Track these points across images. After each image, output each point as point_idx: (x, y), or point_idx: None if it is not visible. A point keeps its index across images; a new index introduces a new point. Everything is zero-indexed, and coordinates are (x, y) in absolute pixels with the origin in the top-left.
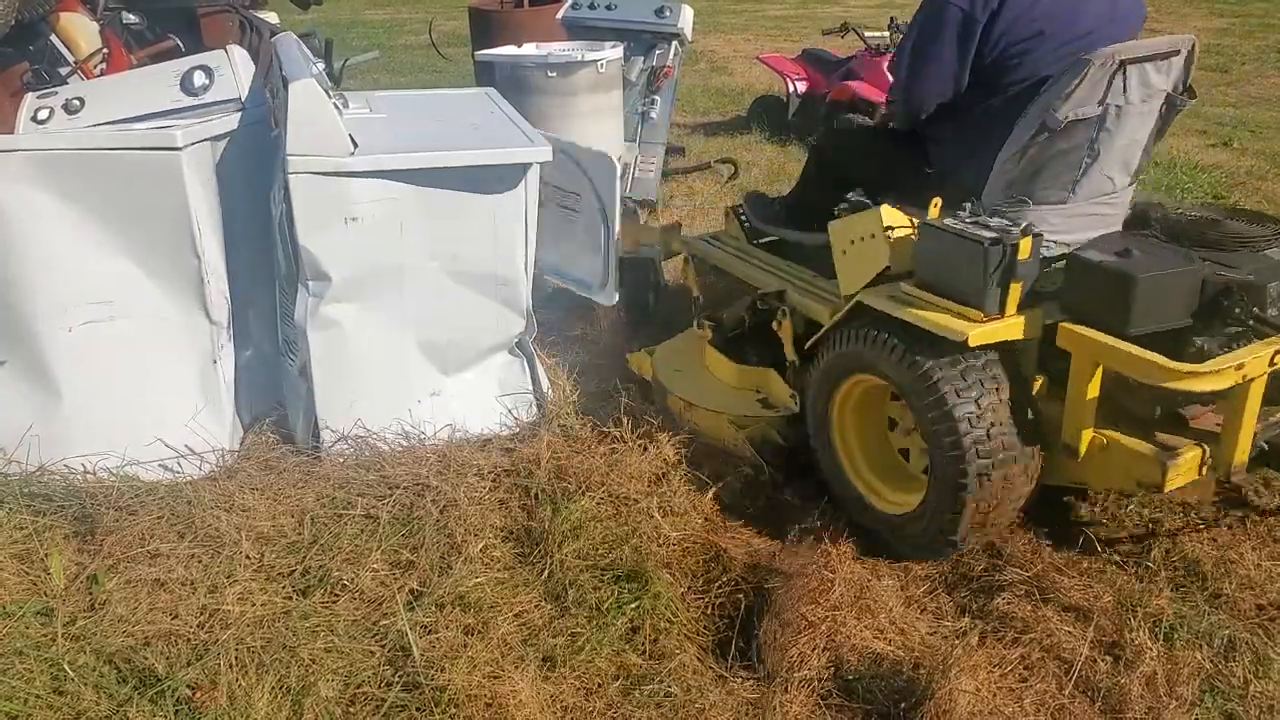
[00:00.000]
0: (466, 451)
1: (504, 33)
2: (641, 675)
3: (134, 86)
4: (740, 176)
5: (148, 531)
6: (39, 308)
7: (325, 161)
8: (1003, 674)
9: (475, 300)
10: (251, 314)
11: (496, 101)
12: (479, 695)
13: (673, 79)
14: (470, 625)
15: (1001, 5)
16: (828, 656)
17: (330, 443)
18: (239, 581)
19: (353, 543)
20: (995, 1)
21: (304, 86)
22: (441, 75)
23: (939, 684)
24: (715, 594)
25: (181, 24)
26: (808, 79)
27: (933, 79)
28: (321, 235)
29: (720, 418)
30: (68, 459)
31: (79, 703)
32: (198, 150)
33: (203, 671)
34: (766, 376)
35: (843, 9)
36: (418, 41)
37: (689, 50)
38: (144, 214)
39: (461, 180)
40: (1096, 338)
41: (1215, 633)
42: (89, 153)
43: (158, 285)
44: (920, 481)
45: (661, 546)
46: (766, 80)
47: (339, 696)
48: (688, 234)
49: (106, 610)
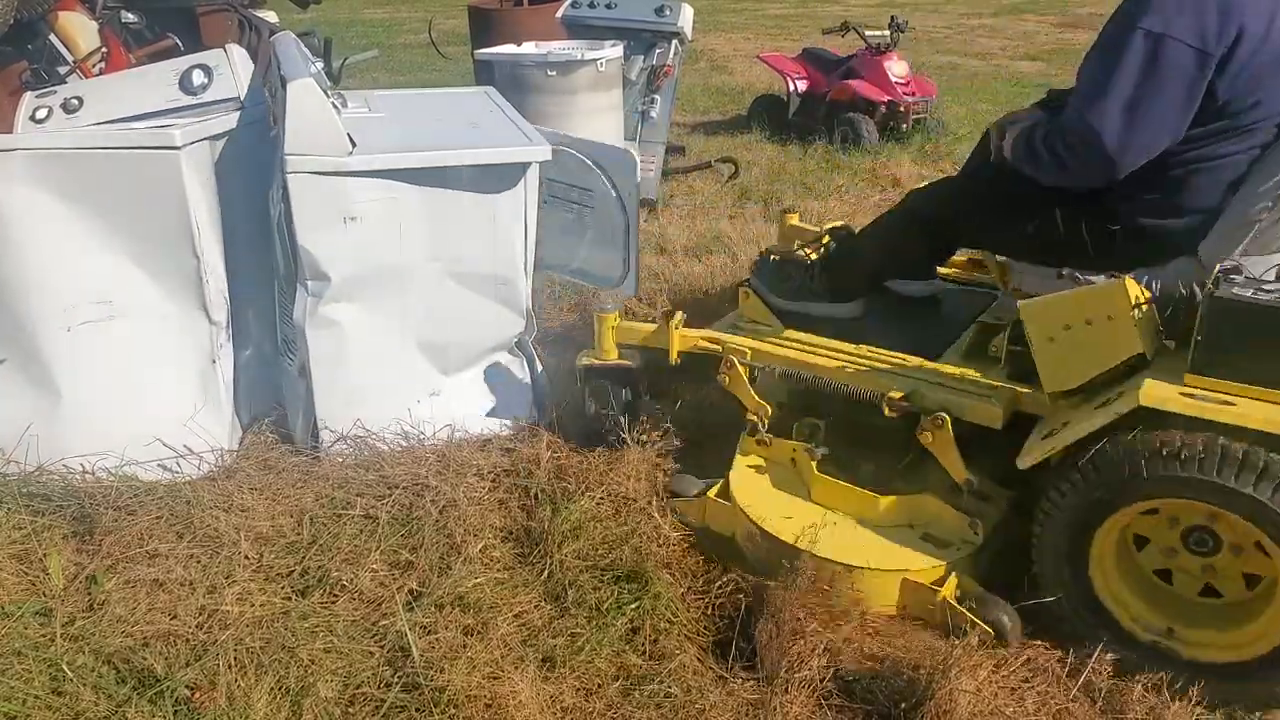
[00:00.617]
0: (466, 451)
1: (504, 31)
2: (641, 675)
3: (132, 86)
4: (740, 176)
5: (146, 531)
6: (37, 307)
7: (324, 161)
8: (1004, 675)
9: (475, 300)
10: (251, 314)
11: (496, 100)
12: (479, 696)
13: (673, 78)
14: (470, 626)
15: (1239, 34)
16: (828, 657)
17: (329, 443)
18: (238, 582)
19: (352, 543)
20: (1231, 30)
21: (302, 86)
22: (441, 74)
23: (939, 684)
24: (715, 594)
25: (180, 23)
26: (808, 78)
27: (1156, 130)
28: (320, 235)
29: (896, 578)
30: (66, 459)
31: (78, 703)
32: (196, 149)
33: (202, 672)
34: (923, 504)
35: (843, 8)
36: (417, 40)
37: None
38: (143, 213)
39: (461, 179)
40: None
41: None
42: (87, 152)
43: (157, 285)
44: (1245, 610)
45: (661, 546)
46: (767, 79)
47: (338, 697)
48: (717, 327)
49: (105, 610)
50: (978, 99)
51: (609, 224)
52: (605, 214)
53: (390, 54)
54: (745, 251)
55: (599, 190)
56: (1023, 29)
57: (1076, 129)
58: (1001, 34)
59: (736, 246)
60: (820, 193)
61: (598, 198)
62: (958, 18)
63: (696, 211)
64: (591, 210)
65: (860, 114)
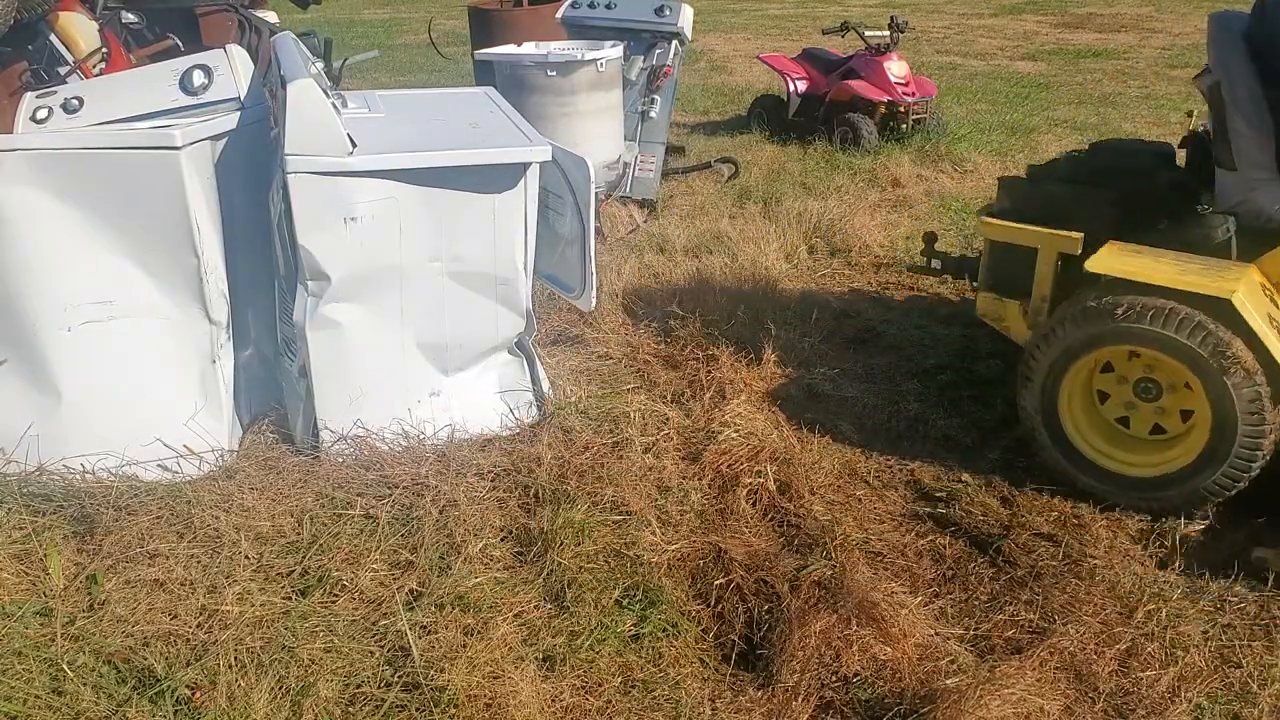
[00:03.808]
0: (466, 451)
1: (503, 32)
2: (642, 676)
3: (133, 86)
4: (740, 176)
5: (147, 531)
6: (38, 307)
7: (324, 161)
8: (1010, 679)
9: (475, 300)
10: (251, 314)
11: (496, 101)
12: (479, 695)
13: (672, 78)
14: (470, 625)
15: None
16: (832, 660)
17: (330, 443)
18: (238, 582)
19: (352, 543)
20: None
21: (302, 86)
22: (441, 74)
23: (945, 689)
24: (716, 596)
25: (180, 23)
26: (808, 78)
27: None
28: (320, 235)
29: None
30: (67, 459)
31: (78, 703)
32: (197, 150)
33: (202, 671)
34: None
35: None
36: (417, 40)
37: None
38: (143, 213)
39: (461, 180)
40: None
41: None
42: (88, 152)
43: (157, 285)
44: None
45: (661, 547)
46: (766, 79)
47: (338, 697)
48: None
49: (106, 610)
50: (978, 99)
51: (571, 234)
52: (569, 223)
53: (390, 54)
54: (745, 251)
55: (567, 198)
56: (1023, 29)
57: None
58: (1001, 34)
59: (736, 246)
60: (820, 193)
61: (568, 205)
62: (958, 18)
63: (696, 211)
64: (562, 218)
65: (860, 114)
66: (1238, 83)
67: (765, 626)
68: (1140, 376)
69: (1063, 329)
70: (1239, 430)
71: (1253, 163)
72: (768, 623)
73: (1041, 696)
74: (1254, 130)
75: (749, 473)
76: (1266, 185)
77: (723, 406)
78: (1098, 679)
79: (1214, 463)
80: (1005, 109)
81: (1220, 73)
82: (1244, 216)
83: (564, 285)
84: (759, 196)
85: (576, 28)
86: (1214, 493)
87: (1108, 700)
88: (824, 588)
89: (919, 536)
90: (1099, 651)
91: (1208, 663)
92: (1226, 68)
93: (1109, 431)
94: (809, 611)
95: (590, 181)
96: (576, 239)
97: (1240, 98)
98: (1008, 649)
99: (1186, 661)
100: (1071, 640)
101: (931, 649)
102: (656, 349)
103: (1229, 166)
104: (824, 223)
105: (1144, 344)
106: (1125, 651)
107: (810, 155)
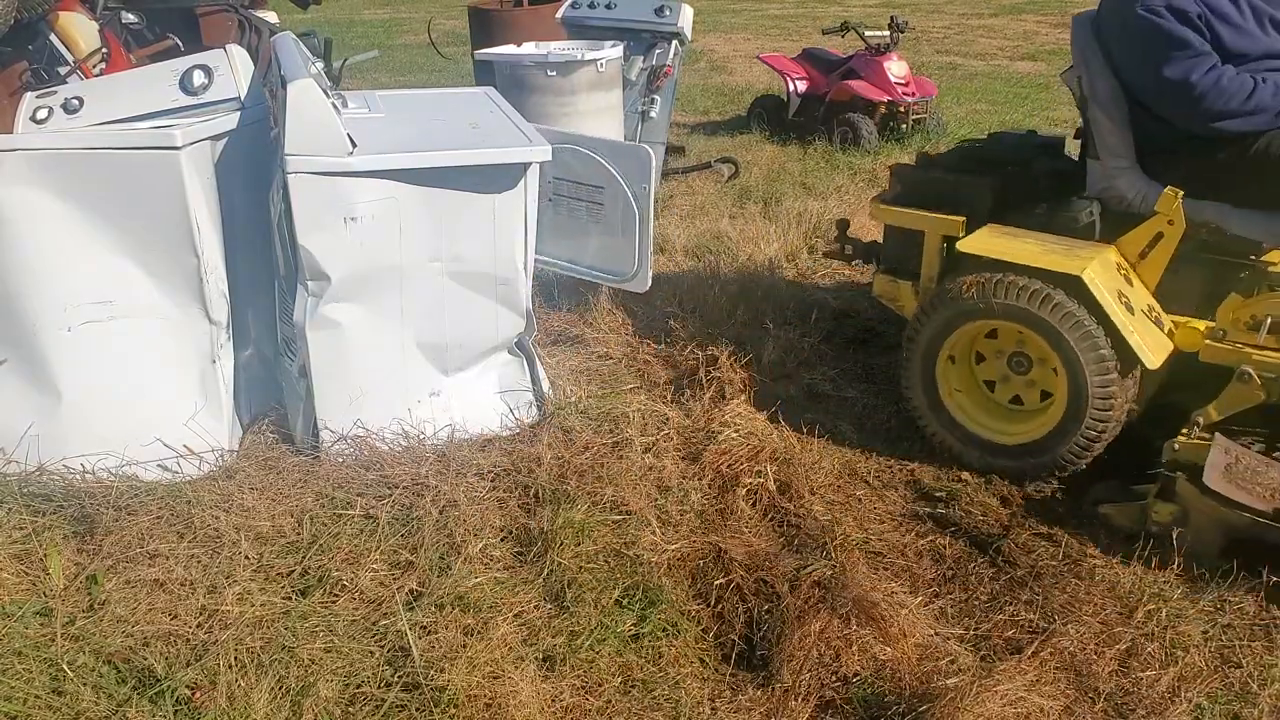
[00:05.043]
0: (466, 451)
1: (503, 32)
2: (642, 675)
3: (133, 86)
4: (740, 176)
5: (147, 532)
6: (38, 307)
7: (324, 161)
8: (1010, 679)
9: (475, 300)
10: (251, 314)
11: (496, 101)
12: (479, 695)
13: (672, 78)
14: (470, 625)
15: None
16: (832, 660)
17: (330, 443)
18: (238, 582)
19: (352, 543)
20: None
21: (302, 86)
22: (441, 74)
23: (944, 689)
24: (716, 595)
25: (180, 23)
26: (808, 78)
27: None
28: (320, 235)
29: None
30: (67, 459)
31: (78, 703)
32: (197, 150)
33: (202, 672)
34: None
35: (843, 8)
36: (417, 41)
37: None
38: (143, 213)
39: (461, 180)
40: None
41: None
42: (88, 152)
43: (157, 285)
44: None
45: (661, 546)
46: (766, 79)
47: (338, 697)
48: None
49: (106, 610)
50: (977, 99)
51: (621, 221)
52: (617, 211)
53: (390, 54)
54: (745, 251)
55: (610, 188)
56: (1022, 29)
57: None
58: (1001, 34)
59: (736, 246)
60: (820, 193)
61: (609, 195)
62: (958, 18)
63: (696, 211)
64: (602, 208)
65: (860, 114)
66: (1096, 77)
67: (765, 626)
68: (1013, 351)
69: (933, 307)
70: (1089, 399)
71: (1112, 152)
72: (767, 622)
73: (1041, 696)
74: (1112, 122)
75: (749, 473)
76: (1125, 173)
77: (723, 406)
78: (1098, 679)
79: (1069, 431)
80: (1005, 109)
81: (1080, 68)
82: (1108, 202)
83: (611, 273)
84: (759, 196)
85: (576, 28)
86: (1071, 459)
87: (1108, 700)
88: (824, 587)
89: (919, 536)
90: (1099, 651)
91: (1208, 663)
92: (1085, 63)
93: (984, 402)
94: (809, 611)
95: (653, 169)
96: (629, 226)
97: (1099, 91)
98: (1008, 649)
99: (1186, 661)
100: (1071, 640)
101: (931, 649)
102: (656, 349)
103: (1094, 156)
104: (824, 223)
105: (1007, 319)
106: (1125, 651)
107: (810, 155)
